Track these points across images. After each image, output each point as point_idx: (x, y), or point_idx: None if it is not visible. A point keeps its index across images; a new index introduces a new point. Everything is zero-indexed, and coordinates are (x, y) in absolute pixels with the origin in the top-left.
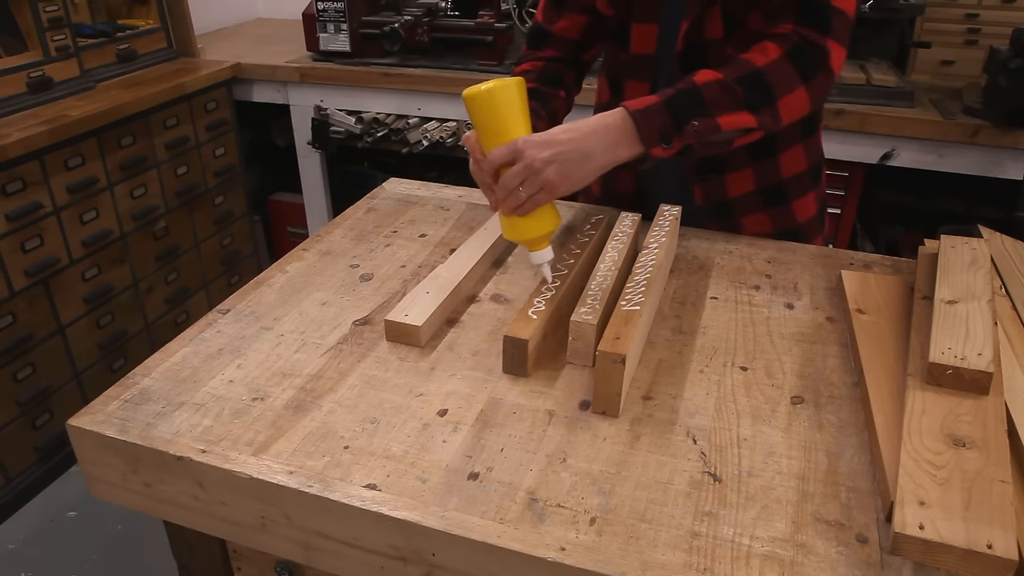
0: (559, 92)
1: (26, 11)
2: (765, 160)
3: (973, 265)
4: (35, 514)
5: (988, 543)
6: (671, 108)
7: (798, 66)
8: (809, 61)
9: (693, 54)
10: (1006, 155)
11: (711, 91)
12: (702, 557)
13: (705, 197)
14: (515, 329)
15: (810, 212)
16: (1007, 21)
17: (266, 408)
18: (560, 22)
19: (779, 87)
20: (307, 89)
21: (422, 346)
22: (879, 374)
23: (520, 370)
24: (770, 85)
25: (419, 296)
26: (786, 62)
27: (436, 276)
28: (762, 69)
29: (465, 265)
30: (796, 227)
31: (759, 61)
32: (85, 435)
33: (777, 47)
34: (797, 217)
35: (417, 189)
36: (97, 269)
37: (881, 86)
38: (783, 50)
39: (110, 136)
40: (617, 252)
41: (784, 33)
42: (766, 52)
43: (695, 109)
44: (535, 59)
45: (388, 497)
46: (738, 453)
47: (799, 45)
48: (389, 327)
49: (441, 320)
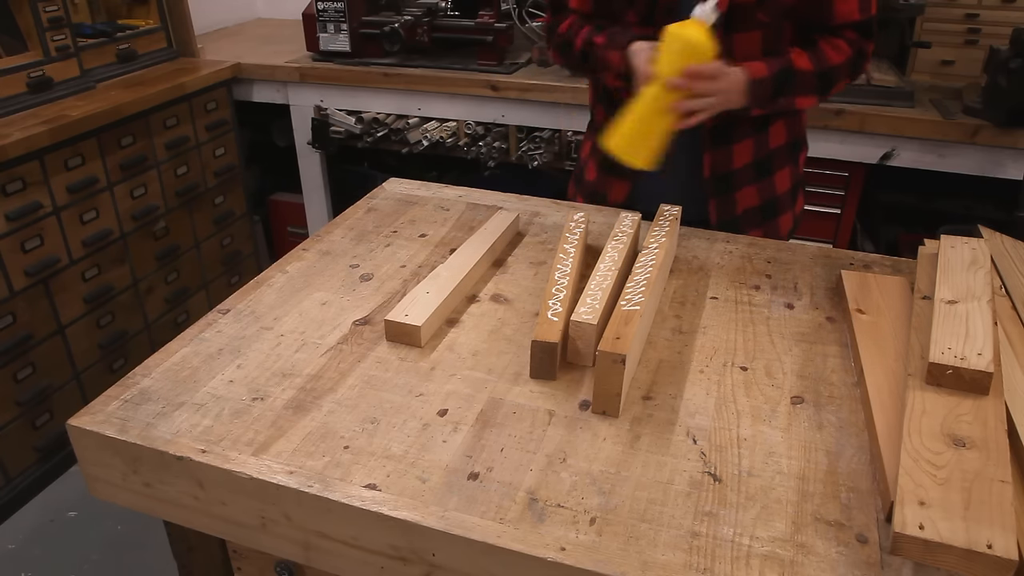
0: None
1: (26, 11)
2: (761, 132)
3: (973, 265)
4: (35, 514)
5: (988, 543)
6: (775, 84)
7: (852, 67)
8: (859, 65)
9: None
10: (1006, 155)
11: (803, 78)
12: (702, 557)
13: (712, 168)
14: (542, 333)
15: (785, 186)
16: (1007, 21)
17: (266, 408)
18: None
19: (838, 81)
20: (307, 89)
21: (422, 346)
22: (879, 374)
23: (549, 374)
24: (834, 79)
25: (419, 296)
26: (848, 64)
27: (436, 276)
28: (836, 67)
29: (465, 265)
30: (775, 198)
31: (835, 59)
32: (85, 435)
33: (848, 49)
34: (777, 189)
35: (417, 189)
36: (97, 269)
37: (881, 86)
38: (850, 53)
39: (110, 136)
40: (617, 252)
41: (851, 38)
42: (840, 51)
43: (788, 89)
44: (566, 20)
45: (388, 497)
46: (738, 453)
47: (860, 51)
48: (389, 327)
49: (441, 320)
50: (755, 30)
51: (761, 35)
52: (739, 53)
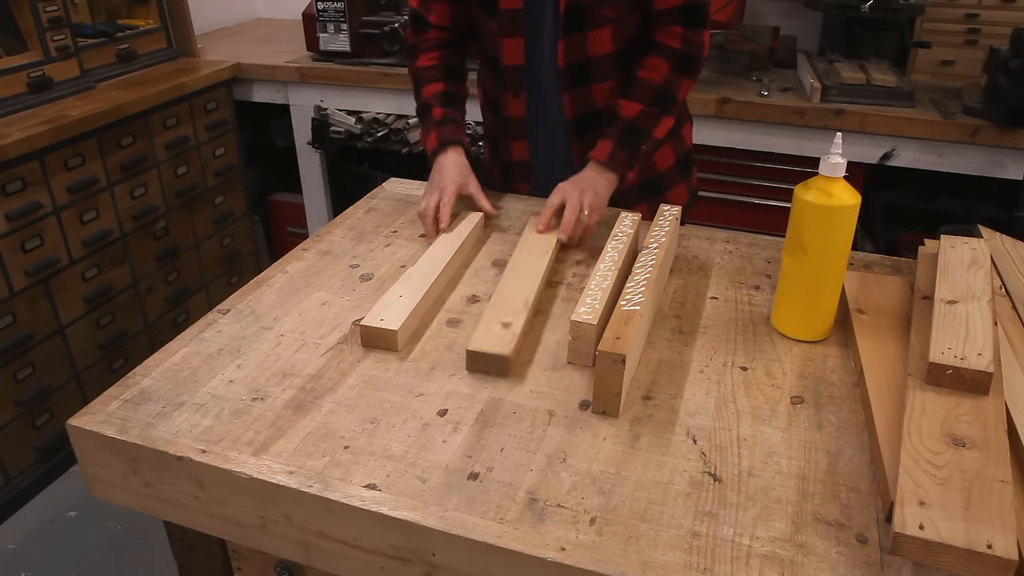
0: (464, 85)
1: (26, 11)
2: None
3: (973, 265)
4: (35, 514)
5: (988, 543)
6: (624, 144)
7: (683, 69)
8: (691, 62)
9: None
10: (1006, 155)
11: (641, 120)
12: (702, 557)
13: (582, 152)
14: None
15: (668, 162)
16: (1007, 21)
17: (266, 408)
18: (432, 15)
19: (676, 89)
20: (307, 89)
21: (399, 350)
22: (879, 374)
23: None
24: (671, 92)
25: (392, 300)
26: (674, 72)
27: (408, 279)
28: (661, 86)
29: (437, 268)
30: (657, 175)
31: (656, 80)
32: (85, 435)
33: (664, 62)
34: (658, 167)
35: (417, 189)
36: (97, 269)
37: (881, 86)
38: (670, 64)
39: (110, 136)
40: (617, 252)
41: (669, 45)
42: (658, 70)
43: (638, 136)
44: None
45: (388, 497)
46: (738, 453)
47: (682, 53)
48: (365, 333)
49: (417, 324)
50: (605, 26)
51: (611, 30)
52: (593, 50)
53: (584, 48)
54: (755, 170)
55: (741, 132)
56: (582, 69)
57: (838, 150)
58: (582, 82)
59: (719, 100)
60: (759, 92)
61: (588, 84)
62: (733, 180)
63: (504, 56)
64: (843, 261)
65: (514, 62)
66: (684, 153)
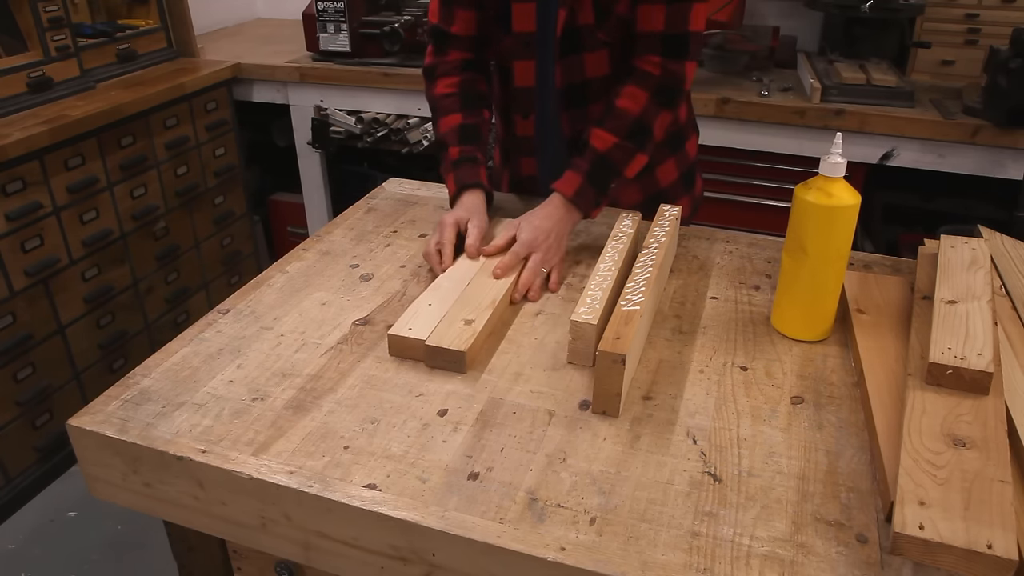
0: (485, 113)
1: (26, 11)
2: None
3: (973, 265)
4: (35, 514)
5: (988, 543)
6: (593, 181)
7: (662, 102)
8: (669, 94)
9: (570, 36)
10: (1006, 155)
11: (614, 154)
12: (702, 557)
13: None
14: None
15: (671, 177)
16: (1007, 21)
17: (266, 408)
18: (455, 24)
19: (653, 123)
20: (307, 89)
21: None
22: (879, 374)
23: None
24: (647, 125)
25: (421, 309)
26: (652, 103)
27: (437, 287)
28: (639, 117)
29: (466, 276)
30: (659, 192)
31: (634, 110)
32: (85, 435)
33: (642, 91)
34: (660, 183)
35: (417, 189)
36: (97, 269)
37: (881, 86)
38: (648, 93)
39: (110, 136)
40: (617, 252)
41: (648, 72)
42: (636, 99)
43: (609, 173)
44: (448, 68)
45: (388, 497)
46: (738, 453)
47: (661, 83)
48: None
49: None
50: (601, 49)
51: (607, 53)
52: (591, 72)
53: (582, 70)
54: (755, 170)
55: (741, 132)
56: (580, 90)
57: (838, 150)
58: (579, 103)
59: (719, 100)
60: (759, 92)
61: (584, 105)
62: (733, 180)
63: (516, 77)
64: (843, 261)
65: (525, 84)
66: (688, 167)
